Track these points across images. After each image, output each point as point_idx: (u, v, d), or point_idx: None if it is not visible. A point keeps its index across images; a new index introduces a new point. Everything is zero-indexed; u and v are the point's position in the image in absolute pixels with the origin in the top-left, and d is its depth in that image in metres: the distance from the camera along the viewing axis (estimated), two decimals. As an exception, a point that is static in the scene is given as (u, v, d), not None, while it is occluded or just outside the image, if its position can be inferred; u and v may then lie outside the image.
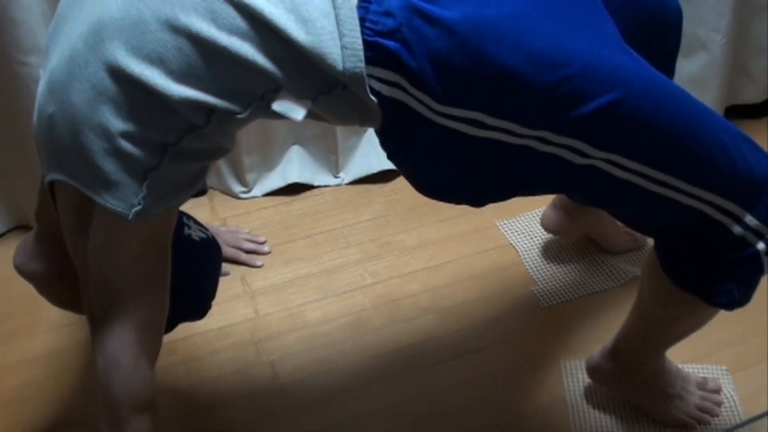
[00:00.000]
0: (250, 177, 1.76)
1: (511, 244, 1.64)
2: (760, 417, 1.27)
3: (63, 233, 0.99)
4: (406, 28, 0.82)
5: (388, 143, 0.94)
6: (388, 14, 0.82)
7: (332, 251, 1.64)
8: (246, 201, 1.77)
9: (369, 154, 1.81)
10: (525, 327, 1.47)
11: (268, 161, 1.76)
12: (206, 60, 0.84)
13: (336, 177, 1.81)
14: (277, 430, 1.32)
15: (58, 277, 1.14)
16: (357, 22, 0.82)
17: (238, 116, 0.88)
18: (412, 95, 0.85)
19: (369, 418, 1.33)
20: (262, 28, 0.83)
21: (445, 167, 0.94)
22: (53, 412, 1.35)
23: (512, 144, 0.89)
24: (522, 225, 1.67)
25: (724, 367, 1.37)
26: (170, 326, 1.09)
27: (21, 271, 1.17)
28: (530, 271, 1.57)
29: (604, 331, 1.35)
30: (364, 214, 1.73)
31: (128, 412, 1.01)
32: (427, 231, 1.67)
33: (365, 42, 0.83)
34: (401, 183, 1.79)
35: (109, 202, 0.89)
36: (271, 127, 1.71)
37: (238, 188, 1.78)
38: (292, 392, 1.37)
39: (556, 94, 0.85)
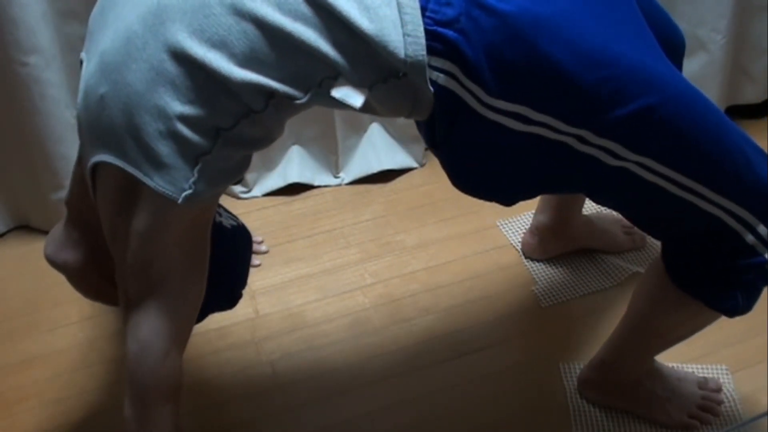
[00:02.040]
0: (250, 177, 1.76)
1: (511, 244, 1.64)
2: (760, 417, 1.27)
3: (101, 217, 0.99)
4: (465, 18, 0.83)
5: (433, 134, 0.94)
6: (448, 4, 0.83)
7: (332, 251, 1.64)
8: (246, 201, 1.77)
9: (369, 154, 1.81)
10: (525, 327, 1.47)
11: (268, 161, 1.76)
12: (270, 45, 0.84)
13: (336, 177, 1.81)
14: (277, 430, 1.32)
15: (91, 266, 1.13)
16: (419, 10, 0.83)
17: (297, 101, 0.88)
18: (464, 86, 0.86)
19: (369, 418, 1.33)
20: (326, 15, 0.83)
21: (486, 162, 0.95)
22: (53, 412, 1.35)
23: (551, 140, 0.90)
24: (522, 225, 1.67)
25: (724, 367, 1.37)
26: (202, 316, 1.09)
27: (53, 261, 1.16)
28: (530, 271, 1.57)
29: (604, 331, 1.35)
30: (364, 214, 1.73)
31: (155, 399, 1.02)
32: (427, 231, 1.67)
33: (425, 30, 0.84)
34: (401, 183, 1.79)
35: (160, 184, 0.89)
36: (271, 127, 1.70)
37: (238, 188, 1.78)
38: (292, 392, 1.38)
39: (599, 92, 0.87)
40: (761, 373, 1.35)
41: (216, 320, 1.48)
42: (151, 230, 0.94)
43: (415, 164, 1.83)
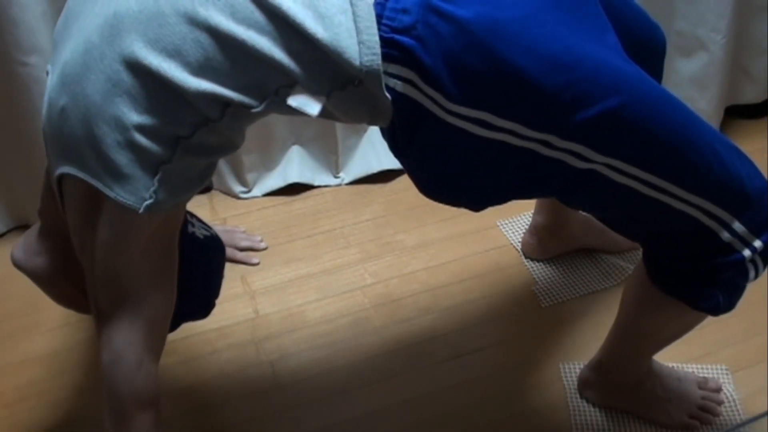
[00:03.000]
0: (250, 177, 1.76)
1: (511, 244, 1.64)
2: (760, 417, 1.27)
3: (69, 229, 0.99)
4: (421, 25, 0.83)
5: (395, 141, 0.94)
6: (404, 11, 0.83)
7: (332, 251, 1.64)
8: (246, 201, 1.77)
9: (369, 154, 1.81)
10: (525, 327, 1.47)
11: (268, 161, 1.76)
12: (224, 53, 0.84)
13: (336, 177, 1.81)
14: (277, 430, 1.32)
15: (62, 274, 1.14)
16: (374, 18, 0.83)
17: (253, 110, 0.88)
18: (423, 92, 0.86)
19: (369, 418, 1.33)
20: (280, 23, 0.83)
21: (450, 167, 0.94)
22: (53, 412, 1.35)
23: (516, 146, 0.89)
24: (522, 225, 1.66)
25: (724, 367, 1.37)
26: (174, 325, 1.09)
27: (22, 267, 1.16)
28: (530, 271, 1.57)
29: (604, 331, 1.34)
30: (364, 214, 1.73)
31: (133, 408, 1.02)
32: (427, 231, 1.67)
33: (381, 38, 0.83)
34: (401, 183, 1.79)
35: (120, 195, 0.89)
36: (271, 127, 1.71)
37: (238, 188, 1.78)
38: (292, 392, 1.38)
39: (562, 96, 0.86)
40: (761, 373, 1.35)
41: (216, 320, 1.48)
42: (116, 241, 0.94)
43: (415, 164, 1.83)
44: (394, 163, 1.81)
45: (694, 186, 0.95)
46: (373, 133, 1.82)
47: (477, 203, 1.03)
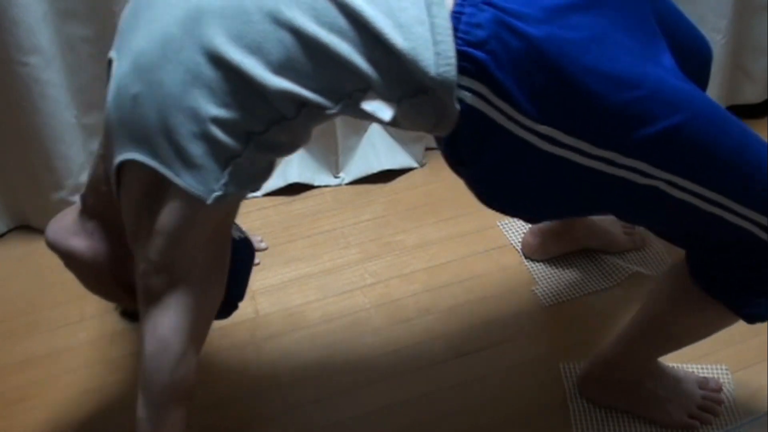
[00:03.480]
0: (250, 177, 1.76)
1: (511, 244, 1.64)
2: (760, 417, 1.27)
3: (124, 214, 0.99)
4: (494, 40, 0.85)
5: (456, 151, 0.96)
6: (478, 26, 0.85)
7: (332, 251, 1.64)
8: (246, 201, 1.77)
9: (369, 154, 1.81)
10: (525, 327, 1.47)
11: (268, 161, 1.76)
12: (305, 54, 0.86)
13: (336, 177, 1.81)
14: (277, 430, 1.32)
15: (101, 258, 1.14)
16: (451, 30, 0.85)
17: (328, 111, 0.90)
18: (494, 106, 0.88)
19: (369, 418, 1.33)
20: (361, 29, 0.85)
21: (513, 180, 0.96)
22: (53, 412, 1.35)
23: (580, 164, 0.92)
24: (522, 225, 1.66)
25: (724, 367, 1.37)
26: None
27: (57, 246, 1.15)
28: (530, 271, 1.57)
29: (604, 331, 1.35)
30: (364, 214, 1.73)
31: (170, 400, 1.03)
32: (427, 231, 1.67)
33: (455, 51, 0.85)
34: (401, 183, 1.79)
35: (190, 184, 0.90)
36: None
37: (238, 188, 1.77)
38: (292, 392, 1.38)
39: (626, 113, 0.88)
40: (761, 373, 1.35)
41: (216, 320, 1.47)
42: (178, 229, 0.95)
43: (415, 164, 1.83)
44: (394, 163, 1.81)
45: (750, 201, 0.96)
46: (373, 133, 1.82)
47: (535, 216, 1.06)
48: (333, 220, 1.71)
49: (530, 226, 1.59)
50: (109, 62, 0.97)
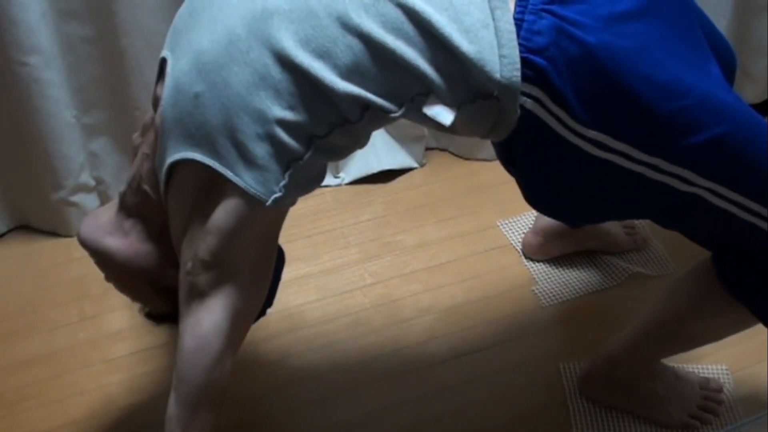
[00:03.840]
0: (250, 177, 1.76)
1: (511, 244, 1.64)
2: (760, 417, 1.27)
3: (171, 212, 1.00)
4: (554, 47, 0.86)
5: (509, 153, 0.97)
6: (539, 33, 0.86)
7: (332, 251, 1.64)
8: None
9: (369, 154, 1.81)
10: (525, 327, 1.47)
11: (268, 161, 1.76)
12: (373, 59, 0.87)
13: (336, 177, 1.81)
14: (277, 430, 1.32)
15: (137, 258, 1.13)
16: (515, 34, 0.86)
17: (392, 115, 0.91)
18: (550, 112, 0.89)
19: (369, 418, 1.33)
20: (427, 35, 0.86)
21: (561, 183, 0.98)
22: (53, 412, 1.35)
23: (627, 169, 0.93)
24: (522, 225, 1.66)
25: (724, 367, 1.37)
26: None
27: (92, 245, 1.13)
28: (530, 271, 1.57)
29: (604, 331, 1.35)
30: (364, 214, 1.73)
31: (202, 399, 1.03)
32: (427, 231, 1.67)
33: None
34: (401, 183, 1.79)
35: (251, 185, 0.91)
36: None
37: (238, 188, 1.77)
38: (291, 392, 1.38)
39: (674, 121, 0.90)
40: (761, 373, 1.35)
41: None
42: (233, 229, 0.95)
43: (415, 164, 1.83)
44: (394, 163, 1.81)
45: None
46: (374, 133, 1.82)
47: (578, 219, 1.07)
48: (333, 220, 1.71)
49: (532, 226, 1.58)
50: (162, 61, 0.97)
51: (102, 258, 1.15)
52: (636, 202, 1.00)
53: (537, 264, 1.58)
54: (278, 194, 0.92)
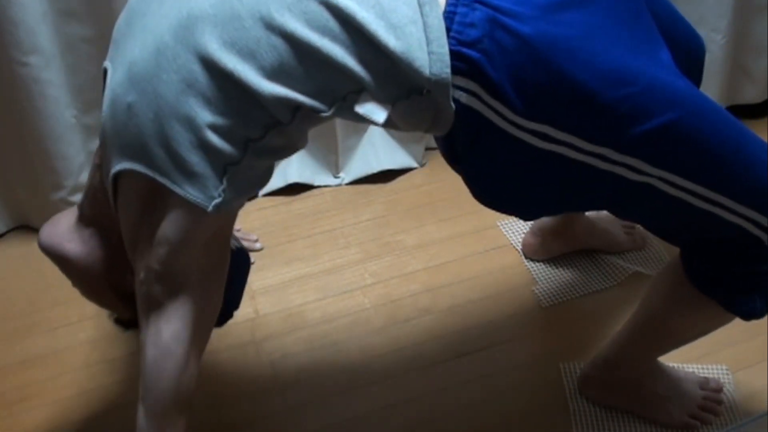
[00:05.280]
0: (250, 177, 1.76)
1: (511, 244, 1.64)
2: (760, 417, 1.27)
3: (121, 224, 0.99)
4: (488, 39, 0.85)
5: (453, 149, 0.96)
6: (471, 25, 0.85)
7: (332, 251, 1.64)
8: (246, 201, 1.77)
9: (369, 154, 1.81)
10: (525, 327, 1.47)
11: (268, 161, 1.76)
12: (298, 59, 0.86)
13: (336, 177, 1.81)
14: (277, 430, 1.32)
15: (99, 265, 1.13)
16: (444, 30, 0.85)
17: (322, 114, 0.90)
18: (487, 105, 0.88)
19: (369, 418, 1.33)
20: (353, 32, 0.85)
21: (508, 177, 0.97)
22: (53, 412, 1.35)
23: (574, 160, 0.92)
24: (522, 225, 1.66)
25: (724, 367, 1.37)
26: None
27: (52, 251, 1.14)
28: (531, 271, 1.57)
29: (605, 331, 1.35)
30: (364, 214, 1.73)
31: (171, 407, 1.02)
32: (427, 231, 1.67)
33: (449, 51, 0.85)
34: (401, 183, 1.79)
35: (190, 193, 0.90)
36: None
37: (238, 188, 1.77)
38: (292, 392, 1.38)
39: (620, 110, 0.88)
40: (761, 373, 1.35)
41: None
42: (179, 238, 0.95)
43: (415, 164, 1.83)
44: (394, 163, 1.81)
45: (743, 197, 0.96)
46: (373, 133, 1.82)
47: (529, 213, 1.05)
48: (333, 220, 1.71)
49: (530, 225, 1.59)
50: (105, 72, 0.97)
51: (63, 264, 1.15)
52: (587, 193, 0.98)
53: (537, 264, 1.58)
54: (218, 200, 0.91)
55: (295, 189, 1.79)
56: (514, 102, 0.87)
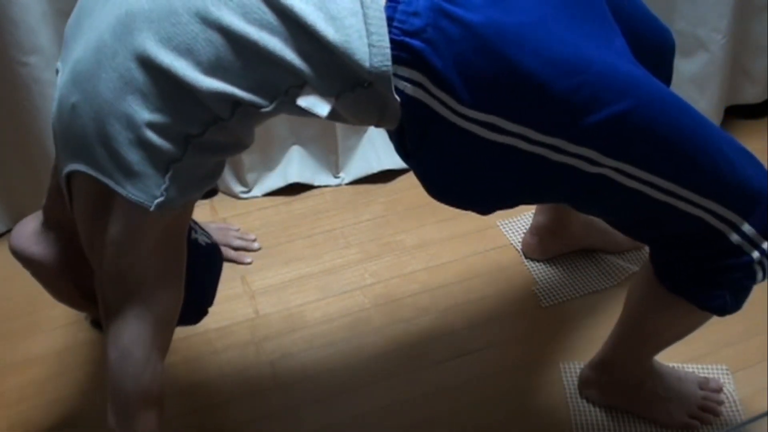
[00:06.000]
0: (250, 177, 1.76)
1: (511, 244, 1.64)
2: (760, 417, 1.27)
3: (78, 226, 0.99)
4: (432, 28, 0.83)
5: (404, 144, 0.94)
6: (415, 14, 0.83)
7: (332, 251, 1.64)
8: (246, 201, 1.77)
9: (369, 154, 1.81)
10: (525, 327, 1.47)
11: (268, 161, 1.76)
12: (235, 53, 0.85)
13: (336, 177, 1.81)
14: (277, 430, 1.32)
15: (63, 269, 1.14)
16: (384, 21, 0.83)
17: (263, 110, 0.88)
18: (434, 96, 0.86)
19: (369, 418, 1.33)
20: (292, 24, 0.83)
21: (459, 171, 0.94)
22: (53, 412, 1.35)
23: (526, 151, 0.90)
24: (522, 225, 1.67)
25: (724, 367, 1.37)
26: None
27: (19, 254, 1.15)
28: (530, 271, 1.57)
29: (604, 331, 1.34)
30: (364, 214, 1.73)
31: (138, 406, 1.02)
32: (427, 231, 1.67)
33: (392, 41, 0.84)
34: (401, 183, 1.79)
35: (132, 193, 0.89)
36: (271, 127, 1.71)
37: (238, 188, 1.78)
38: (292, 392, 1.38)
39: (572, 99, 0.86)
40: (761, 373, 1.35)
41: (216, 320, 1.48)
42: (126, 238, 0.94)
43: (415, 164, 1.83)
44: (394, 163, 1.81)
45: (703, 189, 0.95)
46: (373, 133, 1.82)
47: (485, 207, 1.03)
48: (333, 220, 1.71)
49: (530, 225, 1.59)
50: (57, 73, 0.96)
51: (31, 267, 1.16)
52: (542, 186, 0.96)
53: (537, 264, 1.58)
54: (161, 198, 0.90)
55: (295, 189, 1.79)
56: (460, 92, 0.85)
